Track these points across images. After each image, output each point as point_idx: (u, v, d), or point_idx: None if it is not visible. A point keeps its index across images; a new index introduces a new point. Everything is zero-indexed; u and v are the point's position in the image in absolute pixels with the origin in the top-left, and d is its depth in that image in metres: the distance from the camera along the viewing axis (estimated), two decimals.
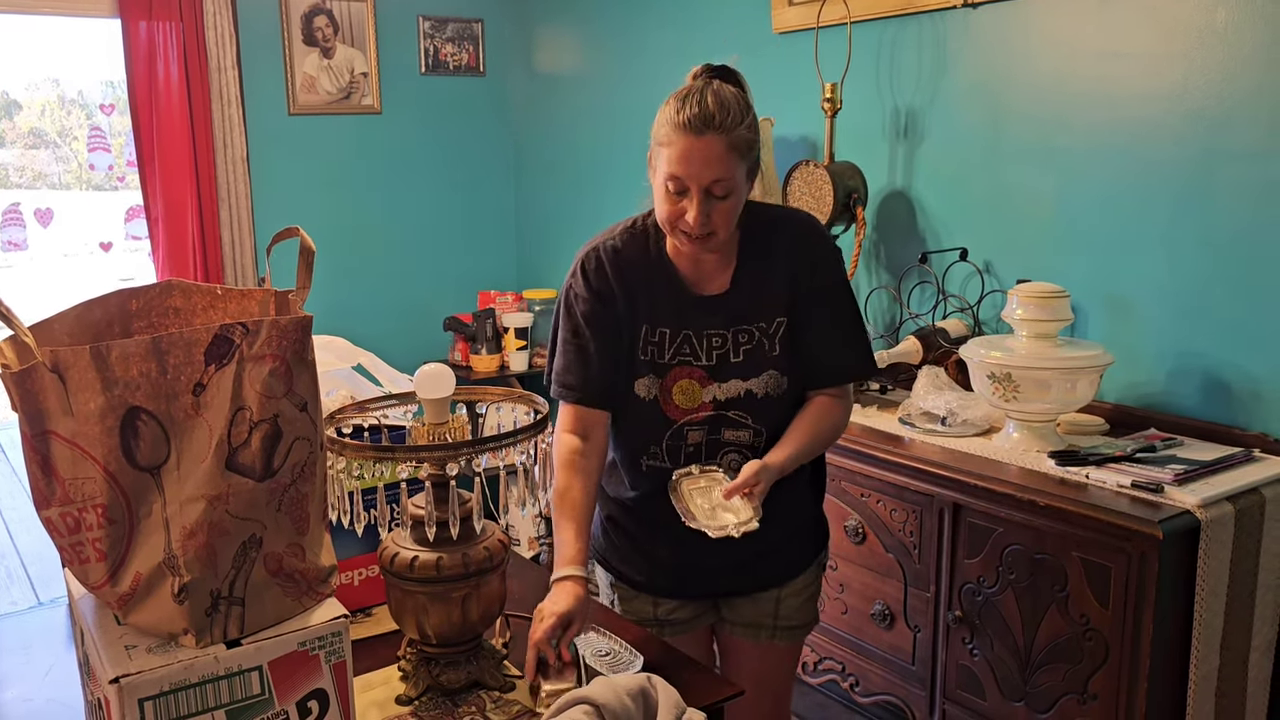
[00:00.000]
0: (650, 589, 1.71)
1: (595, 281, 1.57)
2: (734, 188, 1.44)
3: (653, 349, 1.56)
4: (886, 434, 2.23)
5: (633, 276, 1.57)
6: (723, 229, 1.46)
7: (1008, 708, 1.99)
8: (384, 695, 1.36)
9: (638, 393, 1.57)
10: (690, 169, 1.41)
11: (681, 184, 1.43)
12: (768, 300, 1.56)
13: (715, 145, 1.40)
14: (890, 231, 2.70)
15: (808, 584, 1.73)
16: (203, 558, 1.00)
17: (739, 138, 1.42)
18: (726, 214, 1.45)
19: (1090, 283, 2.29)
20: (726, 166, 1.41)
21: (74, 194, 5.97)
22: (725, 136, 1.41)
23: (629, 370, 1.58)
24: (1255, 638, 1.90)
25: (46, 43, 5.36)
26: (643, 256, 1.58)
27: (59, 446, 0.99)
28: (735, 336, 1.55)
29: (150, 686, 0.96)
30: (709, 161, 1.41)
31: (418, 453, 1.29)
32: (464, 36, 4.04)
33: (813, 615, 1.76)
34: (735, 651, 1.77)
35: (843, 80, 2.65)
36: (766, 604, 1.71)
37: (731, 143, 1.41)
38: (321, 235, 3.99)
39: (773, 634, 1.72)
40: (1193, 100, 2.10)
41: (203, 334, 1.00)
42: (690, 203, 1.43)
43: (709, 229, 1.45)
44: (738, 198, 1.46)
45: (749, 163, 1.46)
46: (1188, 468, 1.87)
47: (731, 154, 1.42)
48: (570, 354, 1.59)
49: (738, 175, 1.44)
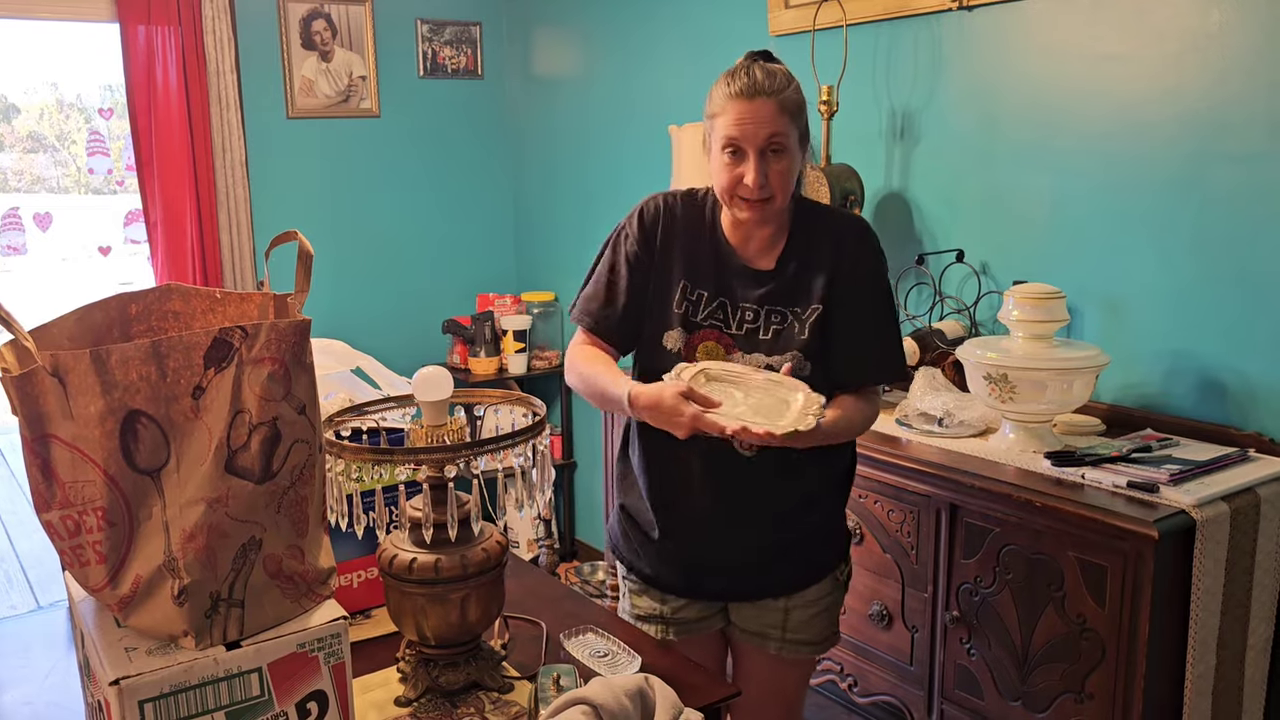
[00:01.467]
0: (657, 584, 1.72)
1: (649, 226, 1.65)
2: (788, 146, 1.53)
3: (688, 305, 1.62)
4: (883, 435, 2.24)
5: (685, 234, 1.64)
6: (780, 192, 1.54)
7: (1005, 707, 2.00)
8: (383, 697, 1.36)
9: (665, 344, 1.62)
10: (745, 130, 1.51)
11: (738, 146, 1.52)
12: (808, 286, 1.59)
13: (766, 107, 1.50)
14: (887, 233, 2.71)
15: (821, 597, 1.72)
16: (202, 560, 1.01)
17: (788, 99, 1.53)
18: (782, 175, 1.53)
19: (1086, 284, 2.30)
20: (779, 124, 1.51)
21: (73, 198, 5.97)
22: (775, 99, 1.51)
23: (661, 321, 1.63)
24: (1251, 637, 1.91)
25: (45, 47, 5.37)
26: (698, 220, 1.65)
27: (59, 450, 1.00)
28: (769, 315, 1.60)
29: (150, 688, 0.96)
30: (762, 122, 1.50)
31: (416, 455, 1.29)
32: (462, 40, 4.05)
33: (827, 632, 1.74)
34: (745, 658, 1.78)
35: (839, 83, 2.66)
36: (774, 613, 1.71)
37: (782, 104, 1.51)
38: (321, 239, 4.01)
39: (781, 645, 1.72)
40: (1186, 102, 2.11)
41: (202, 337, 1.01)
42: (748, 165, 1.52)
43: (768, 191, 1.52)
44: (792, 159, 1.54)
45: (799, 127, 1.55)
46: (1183, 468, 1.88)
47: (783, 115, 1.51)
48: (602, 284, 1.66)
49: (791, 135, 1.53)
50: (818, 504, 1.70)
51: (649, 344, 1.65)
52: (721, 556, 1.67)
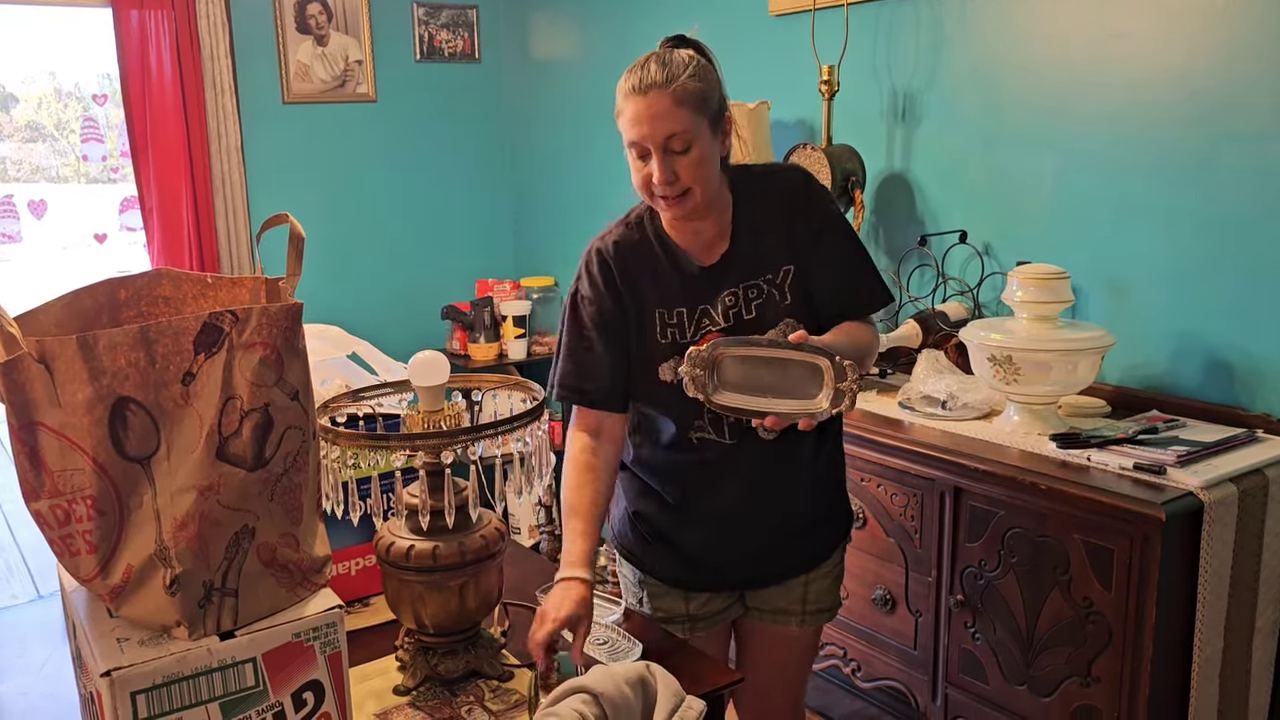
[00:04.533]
0: (682, 584, 1.69)
1: (601, 280, 1.57)
2: (692, 140, 1.44)
3: (673, 331, 1.56)
4: (886, 418, 2.22)
5: (637, 266, 1.57)
6: (697, 185, 1.47)
7: (1010, 691, 1.99)
8: (381, 685, 1.35)
9: (663, 378, 1.56)
10: (643, 129, 1.44)
11: (641, 147, 1.46)
12: (770, 252, 1.56)
13: (660, 101, 1.42)
14: (889, 214, 2.69)
15: (834, 565, 1.73)
16: (194, 549, 0.99)
17: (683, 89, 1.43)
18: (693, 168, 1.46)
19: (1091, 264, 2.28)
20: (677, 120, 1.43)
21: (71, 187, 5.94)
22: (669, 91, 1.42)
23: (652, 358, 1.56)
24: (1259, 619, 1.89)
25: (43, 36, 5.33)
26: (642, 243, 1.58)
27: (47, 438, 0.98)
28: (745, 293, 1.55)
29: (142, 679, 0.95)
30: (657, 118, 1.43)
31: (412, 441, 1.27)
32: (459, 23, 4.01)
33: (838, 599, 1.77)
34: (756, 638, 1.76)
35: (840, 62, 2.62)
36: (796, 589, 1.70)
37: (676, 97, 1.43)
38: (318, 224, 3.98)
39: (801, 620, 1.72)
40: (1194, 81, 2.08)
41: (191, 322, 0.99)
42: (653, 163, 1.45)
43: (680, 187, 1.46)
44: (702, 150, 1.46)
45: (707, 115, 1.46)
46: (1190, 449, 1.86)
47: (680, 108, 1.43)
48: (577, 356, 1.58)
49: (693, 128, 1.44)
50: (828, 480, 1.70)
51: (643, 387, 1.59)
52: (747, 546, 1.65)
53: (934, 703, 2.14)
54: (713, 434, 1.57)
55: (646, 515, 1.69)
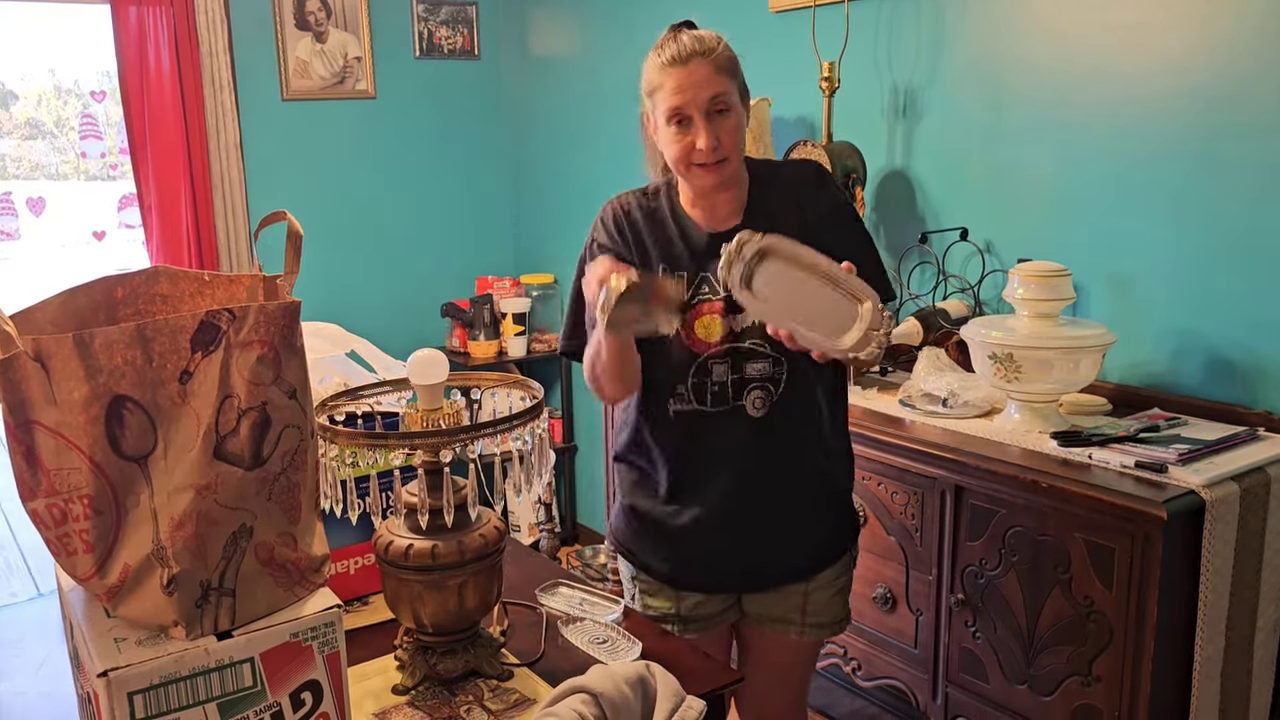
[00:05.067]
0: (674, 583, 1.69)
1: (614, 229, 1.64)
2: (732, 104, 1.52)
3: None
4: (887, 416, 2.21)
5: (649, 228, 1.63)
6: (733, 152, 1.53)
7: (1011, 690, 1.98)
8: (380, 685, 1.34)
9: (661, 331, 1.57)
10: (686, 95, 1.50)
11: (684, 113, 1.51)
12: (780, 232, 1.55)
13: (702, 67, 1.50)
14: (889, 212, 2.68)
15: (837, 577, 1.71)
16: (192, 548, 0.99)
17: (722, 57, 1.52)
18: (732, 133, 1.52)
19: (1092, 261, 2.27)
20: (719, 84, 1.51)
21: (70, 184, 5.93)
22: (709, 59, 1.51)
23: None
24: (1260, 618, 1.88)
25: (43, 33, 5.32)
26: (657, 211, 1.64)
27: (43, 437, 0.97)
28: None
29: (139, 680, 0.94)
30: (700, 84, 1.50)
31: (411, 439, 1.27)
32: (458, 19, 4.00)
33: (843, 612, 1.75)
34: (757, 645, 1.76)
35: (840, 59, 2.62)
36: (794, 597, 1.69)
37: (717, 64, 1.51)
38: (317, 222, 3.97)
39: (802, 629, 1.71)
40: (1196, 75, 2.07)
41: (188, 320, 0.98)
42: (697, 129, 1.51)
43: (722, 152, 1.52)
44: (738, 115, 1.54)
45: (739, 83, 1.56)
46: (1192, 447, 1.85)
47: (720, 74, 1.51)
48: (581, 310, 1.63)
49: (732, 93, 1.53)
50: (828, 469, 1.68)
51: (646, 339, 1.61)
52: (743, 544, 1.64)
53: (934, 702, 2.14)
54: (694, 402, 1.58)
55: (643, 511, 1.69)
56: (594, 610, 1.50)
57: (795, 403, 1.60)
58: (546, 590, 1.56)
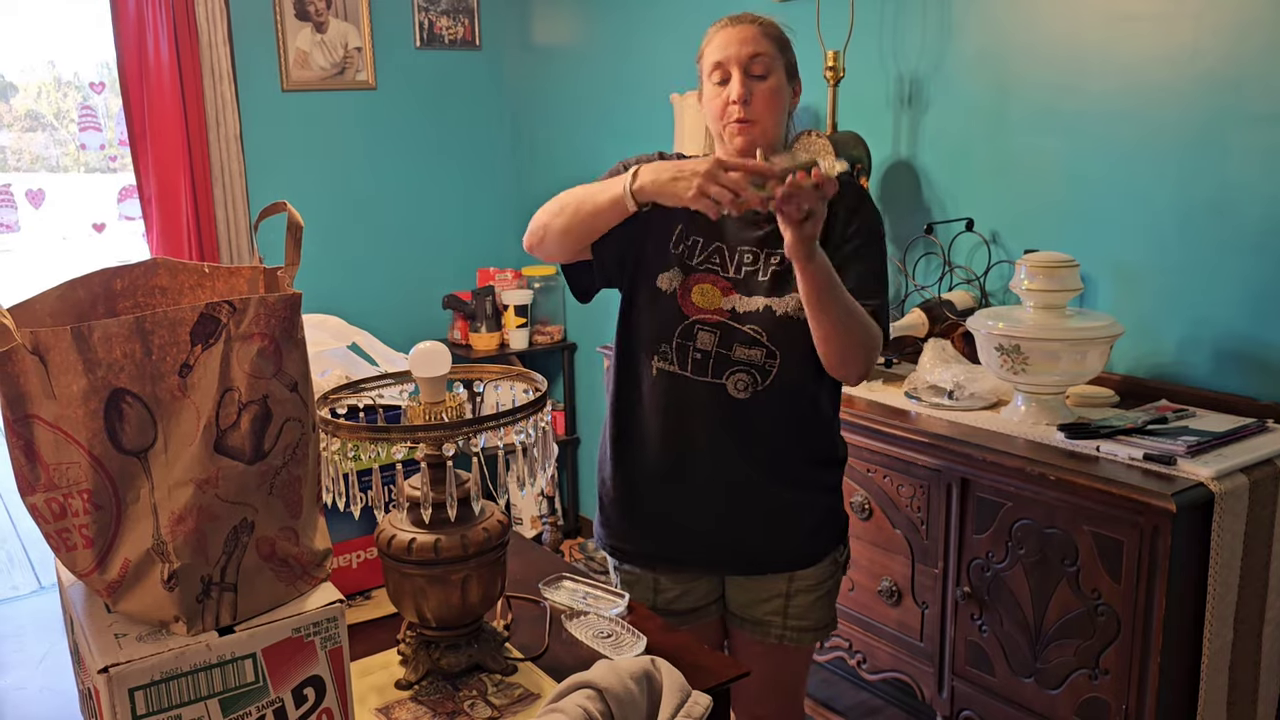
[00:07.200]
0: (648, 560, 1.69)
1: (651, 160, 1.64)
2: (770, 68, 1.57)
3: (684, 248, 1.62)
4: (893, 408, 2.20)
5: None
6: (765, 116, 1.56)
7: (1017, 684, 1.97)
8: (383, 680, 1.33)
9: (659, 285, 1.62)
10: (729, 50, 1.57)
11: (724, 69, 1.57)
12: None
13: (749, 29, 1.58)
14: (894, 202, 2.66)
15: (821, 580, 1.70)
16: (192, 543, 0.98)
17: (771, 25, 1.60)
18: (767, 95, 1.56)
19: (1099, 252, 2.25)
20: (761, 45, 1.56)
21: (70, 176, 5.91)
22: (758, 25, 1.59)
23: (659, 259, 1.63)
24: (1269, 611, 1.87)
25: (42, 24, 5.30)
26: None
27: (42, 431, 0.96)
28: (767, 258, 1.60)
29: (140, 675, 0.93)
30: (744, 41, 1.56)
31: (413, 433, 1.25)
32: (459, 9, 3.97)
33: (827, 617, 1.73)
34: (745, 648, 1.75)
35: (845, 48, 2.60)
36: (775, 600, 1.68)
37: (764, 29, 1.58)
38: (318, 213, 3.95)
39: (783, 634, 1.70)
40: (1204, 62, 2.05)
41: (188, 313, 0.97)
42: (732, 84, 1.55)
43: (752, 113, 1.55)
44: (778, 82, 1.58)
45: (786, 59, 1.60)
46: (1200, 439, 1.84)
47: (766, 38, 1.57)
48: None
49: (774, 59, 1.57)
50: (816, 468, 1.68)
51: (643, 282, 1.64)
52: (722, 519, 1.64)
53: (940, 695, 2.13)
54: (675, 364, 1.59)
55: (625, 483, 1.70)
56: (598, 604, 1.49)
57: (782, 398, 1.59)
58: (550, 584, 1.55)
